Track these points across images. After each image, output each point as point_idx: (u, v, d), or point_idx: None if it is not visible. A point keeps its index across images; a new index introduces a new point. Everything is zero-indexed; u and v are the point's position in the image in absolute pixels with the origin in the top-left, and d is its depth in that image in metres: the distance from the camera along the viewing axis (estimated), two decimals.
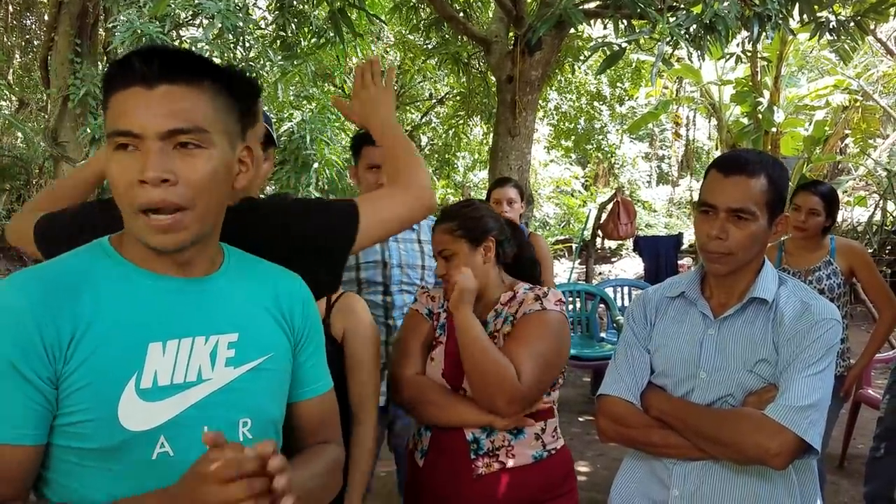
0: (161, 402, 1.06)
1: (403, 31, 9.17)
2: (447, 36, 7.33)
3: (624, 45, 4.76)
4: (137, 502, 1.02)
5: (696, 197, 16.94)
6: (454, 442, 1.92)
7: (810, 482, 1.68)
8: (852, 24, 5.17)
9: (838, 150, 14.65)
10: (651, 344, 1.77)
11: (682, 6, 4.83)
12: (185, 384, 1.08)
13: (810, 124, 12.56)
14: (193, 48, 6.03)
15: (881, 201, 9.66)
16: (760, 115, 11.15)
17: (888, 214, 9.17)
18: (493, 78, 7.20)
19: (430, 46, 8.08)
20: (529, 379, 1.83)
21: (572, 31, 5.95)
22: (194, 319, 1.11)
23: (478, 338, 1.85)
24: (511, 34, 5.65)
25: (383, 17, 8.23)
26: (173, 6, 6.00)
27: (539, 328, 1.90)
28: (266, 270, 1.27)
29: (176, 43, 6.66)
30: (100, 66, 6.75)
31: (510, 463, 1.91)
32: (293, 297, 1.26)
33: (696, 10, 4.52)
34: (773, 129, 11.32)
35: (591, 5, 5.38)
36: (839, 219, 11.42)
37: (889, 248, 7.91)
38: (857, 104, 12.91)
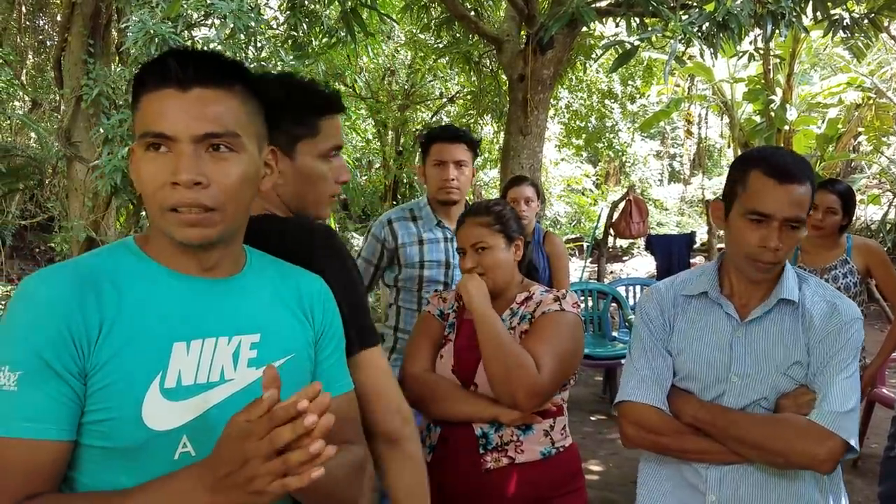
0: (184, 401, 1.06)
1: (414, 31, 9.16)
2: (458, 35, 7.33)
3: (637, 43, 4.74)
4: (168, 479, 1.00)
5: (707, 195, 16.92)
6: (463, 437, 1.95)
7: (837, 479, 1.70)
8: (866, 20, 5.14)
9: (851, 148, 14.53)
10: (672, 346, 1.73)
11: (695, 4, 4.81)
12: (208, 384, 1.09)
13: (823, 122, 12.47)
14: (206, 48, 6.05)
15: (895, 199, 9.58)
16: (773, 113, 11.07)
17: None
18: (504, 77, 7.20)
19: (441, 45, 8.07)
20: (548, 373, 1.86)
21: (584, 29, 5.93)
22: (218, 320, 1.12)
23: (500, 331, 1.88)
24: (523, 33, 5.64)
25: (394, 17, 8.23)
26: (186, 6, 6.03)
27: (558, 327, 1.94)
28: (288, 270, 1.28)
29: (188, 43, 6.69)
30: (113, 67, 6.78)
31: (519, 458, 1.93)
32: (314, 294, 1.28)
33: (709, 7, 4.50)
34: (786, 127, 11.24)
35: (603, 3, 5.36)
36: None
37: None
38: (871, 102, 12.79)
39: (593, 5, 5.05)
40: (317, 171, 1.50)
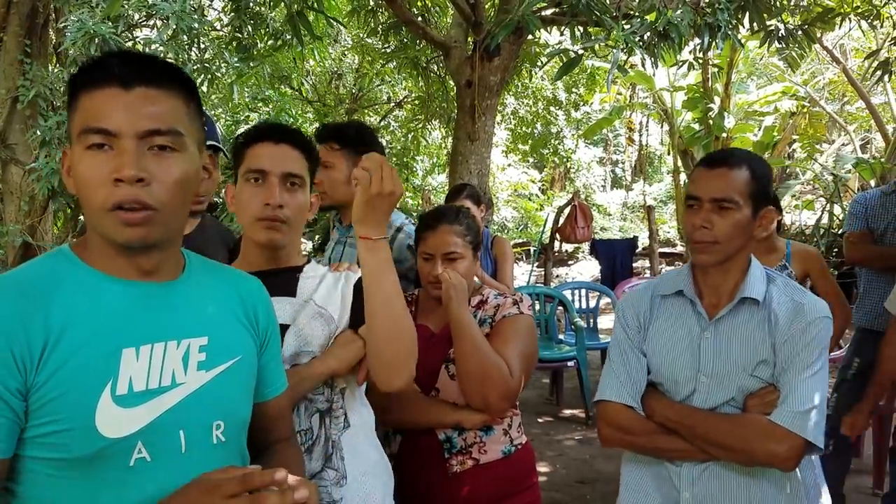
0: (137, 407, 1.05)
1: (361, 35, 9.14)
2: (406, 40, 7.34)
3: (580, 52, 4.83)
4: None
5: (649, 201, 17.23)
6: (427, 443, 1.96)
7: (810, 472, 1.75)
8: (800, 32, 5.33)
9: (786, 155, 15.05)
10: (646, 346, 1.78)
11: (637, 14, 4.92)
12: (160, 389, 1.08)
13: (759, 130, 12.87)
14: (147, 49, 5.93)
15: (828, 205, 9.95)
16: (711, 121, 11.39)
17: (835, 217, 9.45)
18: (451, 82, 7.24)
19: (388, 50, 8.07)
20: (518, 375, 1.90)
21: (530, 37, 6.01)
22: (165, 324, 1.11)
23: (476, 334, 1.90)
24: (470, 39, 5.69)
25: (341, 20, 8.20)
26: (126, 7, 5.90)
27: (521, 330, 1.98)
28: (227, 273, 1.29)
29: (129, 44, 6.54)
30: (50, 68, 6.59)
31: (483, 459, 1.96)
32: (256, 298, 1.28)
33: (651, 17, 4.61)
34: (724, 135, 11.57)
35: (549, 12, 5.44)
36: (788, 222, 11.75)
37: (836, 250, 8.14)
38: (805, 110, 13.30)
39: (538, 14, 5.13)
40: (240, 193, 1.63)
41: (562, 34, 6.43)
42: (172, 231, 1.11)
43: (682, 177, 13.63)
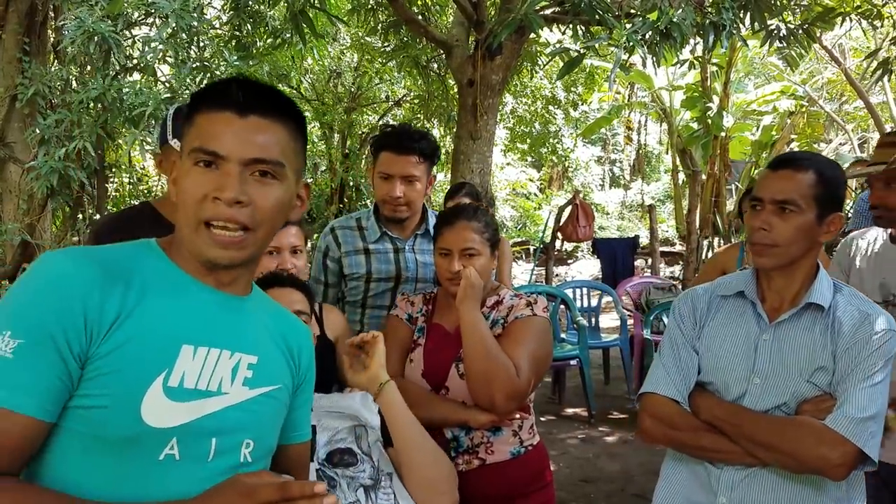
0: (183, 403, 1.08)
1: (361, 34, 9.12)
2: (406, 39, 7.33)
3: (582, 51, 4.82)
4: None
5: (647, 200, 17.23)
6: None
7: (858, 492, 1.66)
8: (801, 31, 5.33)
9: None
10: (700, 344, 1.74)
11: (639, 13, 4.91)
12: (207, 392, 1.11)
13: (758, 129, 12.88)
14: (147, 47, 5.91)
15: None
16: (710, 120, 11.38)
17: None
18: (451, 81, 7.22)
19: (388, 49, 8.05)
20: (526, 377, 1.90)
21: (531, 36, 6.00)
22: (225, 333, 1.15)
23: (485, 335, 1.90)
24: (472, 38, 5.67)
25: (343, 19, 8.19)
26: (126, 5, 5.88)
27: (532, 332, 1.98)
28: (280, 310, 1.34)
29: (128, 42, 6.52)
30: (49, 66, 6.57)
31: (490, 459, 1.96)
32: (301, 341, 1.32)
33: (653, 16, 4.61)
34: (722, 134, 11.57)
35: (550, 11, 5.43)
36: None
37: (836, 249, 8.18)
38: (803, 110, 13.28)
39: (541, 12, 5.12)
40: None
41: (563, 33, 6.42)
42: (259, 251, 1.17)
43: (681, 176, 13.64)
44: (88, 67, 6.53)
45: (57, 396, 1.00)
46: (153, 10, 6.04)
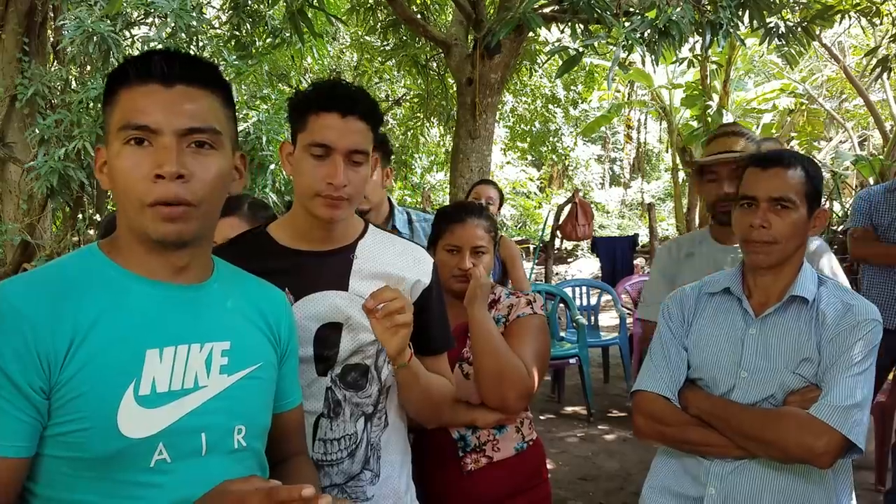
0: (159, 408, 1.05)
1: (360, 33, 9.12)
2: (405, 38, 7.33)
3: (580, 49, 4.82)
4: None
5: (647, 198, 17.24)
6: (440, 441, 1.95)
7: (846, 481, 1.69)
8: (799, 29, 5.33)
9: None
10: (688, 341, 1.77)
11: (637, 11, 4.91)
12: (183, 391, 1.08)
13: (758, 127, 12.88)
14: (146, 47, 5.92)
15: (827, 202, 9.97)
16: (710, 118, 11.38)
17: (834, 214, 9.47)
18: (451, 80, 7.22)
19: (387, 48, 8.05)
20: (535, 375, 1.92)
21: (530, 34, 6.00)
22: (190, 326, 1.11)
23: (496, 334, 1.90)
24: (470, 37, 5.68)
25: (342, 18, 8.19)
26: (126, 4, 5.89)
27: (535, 330, 2.00)
28: (251, 283, 1.29)
29: (128, 42, 6.53)
30: (48, 65, 6.57)
31: (496, 457, 1.97)
32: (279, 311, 1.29)
33: (651, 15, 4.60)
34: None
35: (549, 9, 5.43)
36: None
37: (836, 247, 8.16)
38: (803, 108, 13.30)
39: (539, 11, 5.12)
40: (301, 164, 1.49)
41: (562, 32, 6.42)
42: (206, 229, 1.12)
43: (681, 174, 13.64)
44: (88, 67, 6.54)
45: (26, 433, 0.99)
46: (152, 10, 6.05)
